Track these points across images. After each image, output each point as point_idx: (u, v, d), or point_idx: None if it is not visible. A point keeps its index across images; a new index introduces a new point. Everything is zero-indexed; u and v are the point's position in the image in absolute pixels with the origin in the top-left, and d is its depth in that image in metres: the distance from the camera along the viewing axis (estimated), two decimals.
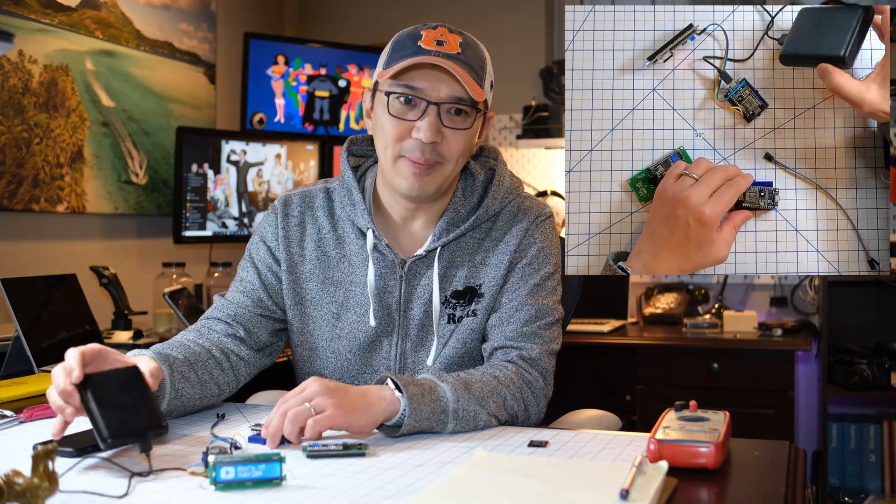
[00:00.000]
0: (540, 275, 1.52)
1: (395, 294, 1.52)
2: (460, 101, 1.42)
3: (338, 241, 1.55)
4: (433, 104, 1.41)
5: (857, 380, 2.94)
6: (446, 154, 1.43)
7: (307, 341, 1.56)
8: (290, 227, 1.57)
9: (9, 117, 2.62)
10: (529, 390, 1.43)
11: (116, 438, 1.10)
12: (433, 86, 1.41)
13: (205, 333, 1.50)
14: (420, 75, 1.41)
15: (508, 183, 1.57)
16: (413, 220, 1.54)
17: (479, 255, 1.53)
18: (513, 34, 3.82)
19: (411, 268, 1.52)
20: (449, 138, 1.43)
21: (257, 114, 3.44)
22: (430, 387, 1.29)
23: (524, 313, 1.49)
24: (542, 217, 1.56)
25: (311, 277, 1.55)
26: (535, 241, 1.54)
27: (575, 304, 1.85)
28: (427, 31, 1.44)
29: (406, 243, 1.55)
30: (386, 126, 1.44)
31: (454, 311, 1.51)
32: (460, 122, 1.44)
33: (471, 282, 1.52)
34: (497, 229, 1.55)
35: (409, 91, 1.41)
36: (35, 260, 2.74)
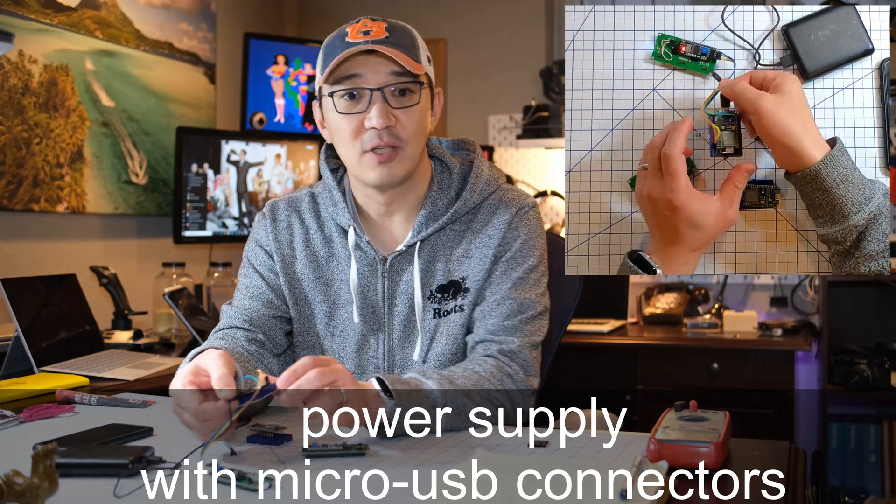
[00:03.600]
0: (523, 268, 1.53)
1: (379, 291, 1.54)
2: (400, 77, 1.43)
3: (325, 240, 1.57)
4: (376, 90, 1.42)
5: (857, 380, 2.94)
6: (403, 135, 1.44)
7: (307, 340, 1.57)
8: (279, 230, 1.59)
9: (9, 117, 2.62)
10: (511, 382, 1.44)
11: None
12: (370, 73, 1.42)
13: (229, 341, 1.48)
14: (355, 66, 1.43)
15: (487, 175, 1.57)
16: (391, 217, 1.55)
17: (460, 247, 1.54)
18: (513, 34, 3.82)
19: (393, 264, 1.53)
20: (401, 119, 1.44)
21: (257, 114, 3.44)
22: (416, 383, 1.31)
23: (506, 307, 1.50)
24: (525, 208, 1.56)
25: (303, 277, 1.56)
26: (519, 235, 1.54)
27: (575, 304, 1.85)
28: (352, 27, 1.46)
29: (387, 240, 1.56)
30: (340, 125, 1.45)
31: (439, 305, 1.52)
32: (407, 101, 1.45)
33: (454, 275, 1.53)
34: (478, 222, 1.55)
35: (349, 85, 1.43)
36: (35, 260, 2.74)
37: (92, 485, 1.05)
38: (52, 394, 1.63)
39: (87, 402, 1.54)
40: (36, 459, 0.89)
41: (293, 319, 1.57)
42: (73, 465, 1.08)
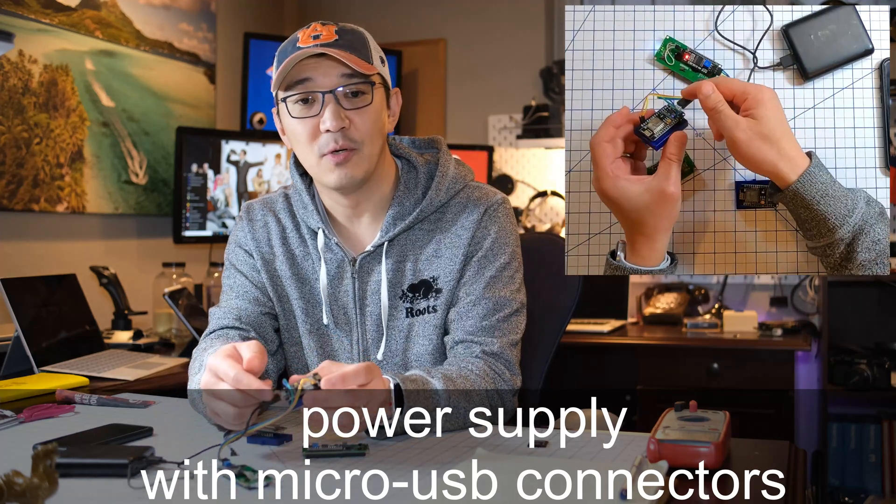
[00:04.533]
0: (496, 266, 1.53)
1: (350, 292, 1.54)
2: (351, 79, 1.43)
3: (300, 239, 1.58)
4: (328, 93, 1.43)
5: (857, 380, 2.94)
6: (357, 137, 1.44)
7: (292, 337, 1.58)
8: (256, 229, 1.59)
9: (9, 117, 2.62)
10: (502, 380, 1.45)
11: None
12: (321, 76, 1.43)
13: (224, 341, 1.46)
14: (306, 70, 1.43)
15: (454, 173, 1.57)
16: (359, 219, 1.56)
17: (430, 247, 1.54)
18: (513, 34, 3.82)
19: (362, 265, 1.54)
20: (355, 121, 1.44)
21: (257, 114, 3.44)
22: (423, 381, 1.32)
23: (482, 307, 1.50)
24: (493, 206, 1.56)
25: (283, 274, 1.57)
26: (489, 233, 1.54)
27: (575, 304, 1.85)
28: (302, 31, 1.47)
29: (357, 242, 1.57)
30: (296, 130, 1.46)
31: (412, 304, 1.53)
32: (360, 101, 1.45)
33: (424, 275, 1.53)
34: (447, 221, 1.55)
35: (301, 89, 1.43)
36: (35, 260, 2.74)
37: (92, 485, 1.05)
38: (52, 394, 1.63)
39: (87, 402, 1.54)
40: (36, 459, 0.89)
41: (278, 316, 1.58)
42: (73, 465, 1.08)
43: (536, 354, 1.75)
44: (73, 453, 1.11)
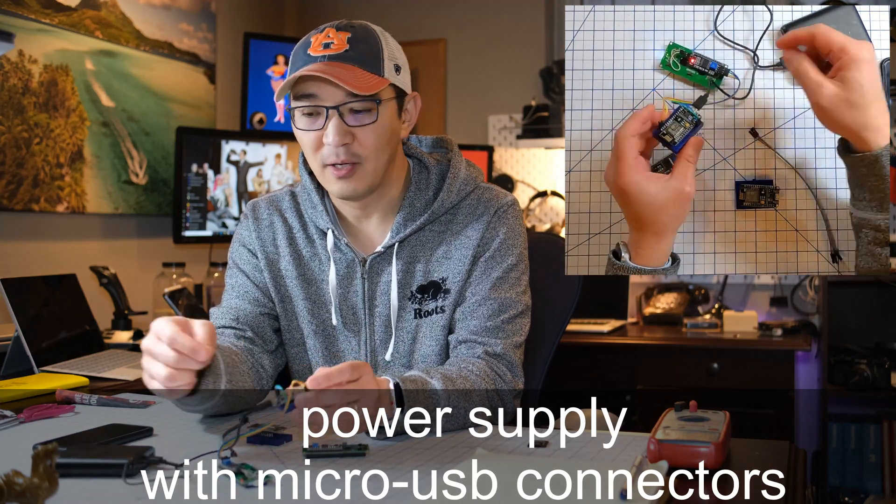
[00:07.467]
0: (503, 267, 1.53)
1: (359, 293, 1.54)
2: (355, 97, 1.40)
3: (308, 239, 1.58)
4: (332, 108, 1.41)
5: (857, 380, 2.94)
6: (361, 153, 1.43)
7: (294, 338, 1.58)
8: (261, 228, 1.59)
9: (9, 117, 2.62)
10: (503, 381, 1.45)
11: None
12: (326, 91, 1.41)
13: (219, 340, 1.47)
14: (312, 87, 1.41)
15: (465, 174, 1.57)
16: (367, 220, 1.56)
17: (440, 248, 1.54)
18: (513, 34, 3.82)
19: (372, 265, 1.53)
20: (359, 136, 1.43)
21: (257, 114, 3.44)
22: (422, 382, 1.31)
23: (487, 308, 1.50)
24: (503, 207, 1.56)
25: (287, 274, 1.57)
26: (498, 234, 1.54)
27: (575, 304, 1.85)
28: (315, 36, 1.43)
29: (366, 242, 1.57)
30: (303, 139, 1.45)
31: (420, 305, 1.53)
32: (365, 119, 1.43)
33: (433, 276, 1.53)
34: (457, 223, 1.55)
35: (306, 103, 1.42)
36: (35, 260, 2.74)
37: (92, 485, 1.05)
38: (52, 394, 1.63)
39: (87, 402, 1.54)
40: (36, 459, 0.89)
41: (280, 317, 1.58)
42: (73, 465, 1.08)
43: (537, 354, 1.75)
44: (73, 453, 1.11)
